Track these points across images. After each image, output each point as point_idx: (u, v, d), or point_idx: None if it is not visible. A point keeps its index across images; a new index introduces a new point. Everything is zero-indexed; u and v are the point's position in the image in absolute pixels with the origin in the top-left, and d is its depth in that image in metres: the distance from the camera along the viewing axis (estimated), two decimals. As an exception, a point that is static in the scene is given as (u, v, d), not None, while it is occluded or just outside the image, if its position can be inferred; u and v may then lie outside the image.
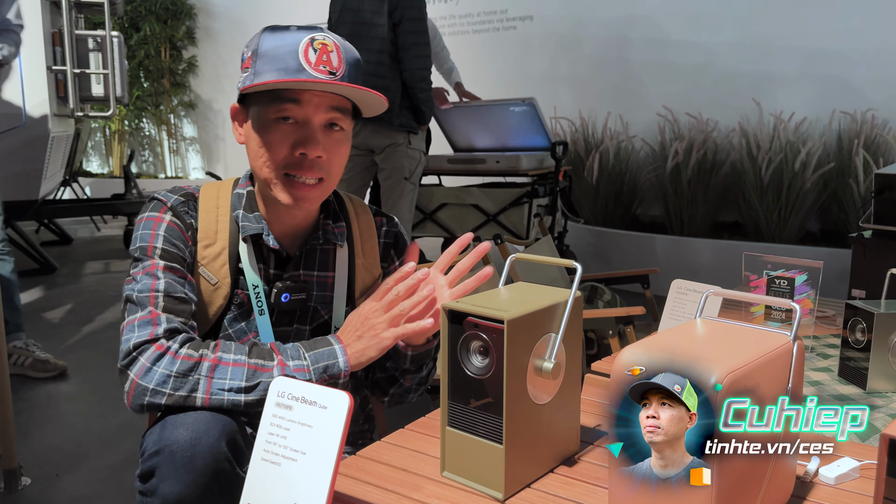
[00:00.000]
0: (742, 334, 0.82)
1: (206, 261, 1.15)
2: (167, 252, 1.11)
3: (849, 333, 1.39)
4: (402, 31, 3.33)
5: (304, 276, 1.21)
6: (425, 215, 4.58)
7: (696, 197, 4.69)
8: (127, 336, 1.04)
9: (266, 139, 1.11)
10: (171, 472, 0.94)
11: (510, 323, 0.84)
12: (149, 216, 1.15)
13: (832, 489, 0.91)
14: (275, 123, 1.11)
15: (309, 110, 1.10)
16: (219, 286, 1.15)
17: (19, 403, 2.68)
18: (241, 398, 1.01)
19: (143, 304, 1.06)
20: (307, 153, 1.10)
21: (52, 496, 2.03)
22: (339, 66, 1.10)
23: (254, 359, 1.03)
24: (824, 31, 4.71)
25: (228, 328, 1.17)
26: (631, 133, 5.16)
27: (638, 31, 5.55)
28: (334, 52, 1.10)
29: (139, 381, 1.00)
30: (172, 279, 1.09)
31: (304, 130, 1.11)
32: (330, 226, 1.22)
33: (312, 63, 1.08)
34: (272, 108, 1.10)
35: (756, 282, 1.64)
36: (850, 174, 4.19)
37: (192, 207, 1.18)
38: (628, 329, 2.16)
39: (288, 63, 1.07)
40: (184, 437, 0.95)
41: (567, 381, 0.95)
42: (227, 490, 0.97)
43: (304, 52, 1.08)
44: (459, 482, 0.92)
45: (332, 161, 1.14)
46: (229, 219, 1.18)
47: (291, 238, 1.21)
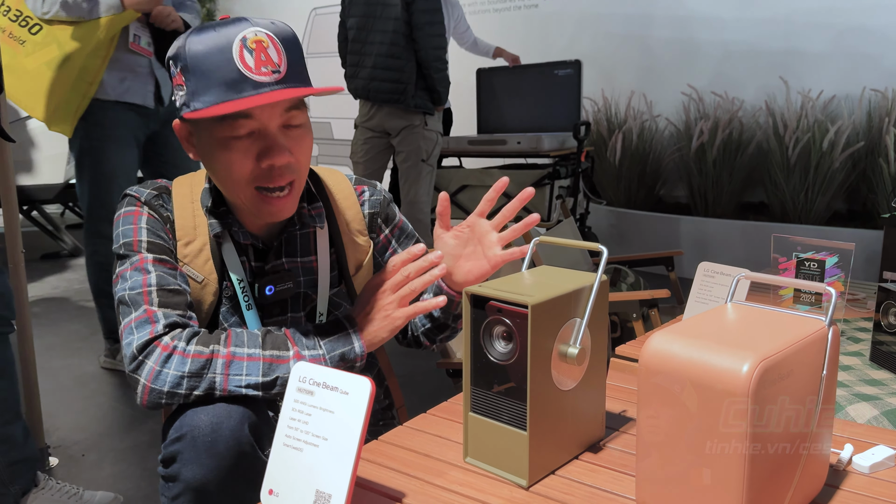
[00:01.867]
0: (775, 319, 0.80)
1: (188, 259, 1.11)
2: (153, 244, 1.08)
3: (881, 317, 1.36)
4: (416, 10, 3.29)
5: (287, 263, 1.17)
6: (446, 197, 4.55)
7: (721, 177, 4.61)
8: (127, 340, 1.01)
9: (226, 158, 1.03)
10: (194, 456, 0.94)
11: (534, 308, 0.82)
12: (126, 212, 1.11)
13: (866, 478, 0.88)
14: (232, 141, 1.02)
15: (263, 119, 1.02)
16: (206, 283, 1.11)
17: (46, 385, 2.72)
18: (259, 394, 0.99)
19: (136, 302, 1.03)
20: (274, 163, 1.03)
21: (79, 476, 2.06)
22: (281, 60, 1.00)
23: (269, 350, 1.00)
24: (854, 6, 4.58)
25: (224, 322, 1.14)
26: (655, 112, 5.08)
27: (662, 7, 5.44)
28: (271, 47, 1.00)
29: (152, 386, 0.97)
30: (164, 271, 1.06)
31: (264, 140, 1.03)
32: (305, 209, 1.16)
33: (252, 67, 0.98)
34: (223, 126, 1.01)
35: (785, 264, 1.61)
36: (881, 153, 4.09)
37: (167, 201, 1.13)
38: (652, 312, 2.13)
39: (225, 75, 0.97)
40: (205, 422, 0.95)
41: (592, 366, 0.94)
42: (250, 474, 0.96)
43: (239, 57, 0.97)
44: (483, 468, 0.91)
45: (300, 158, 1.07)
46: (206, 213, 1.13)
47: (267, 228, 1.16)
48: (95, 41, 2.55)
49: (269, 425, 1.03)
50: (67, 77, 2.56)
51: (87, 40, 2.55)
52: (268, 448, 1.01)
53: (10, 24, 2.59)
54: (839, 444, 0.95)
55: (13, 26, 2.59)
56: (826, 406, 0.79)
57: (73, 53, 2.55)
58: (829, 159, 4.18)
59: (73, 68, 2.56)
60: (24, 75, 2.57)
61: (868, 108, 4.34)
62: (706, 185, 4.68)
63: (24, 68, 2.57)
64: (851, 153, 4.15)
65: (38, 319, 3.63)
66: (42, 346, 3.21)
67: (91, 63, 2.58)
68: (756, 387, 0.68)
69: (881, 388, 1.25)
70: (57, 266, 4.96)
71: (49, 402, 2.55)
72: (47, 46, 2.57)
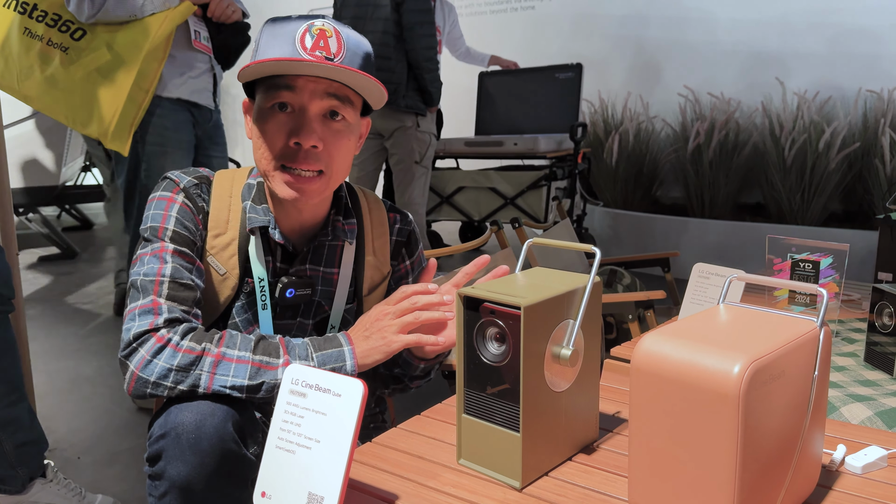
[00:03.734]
0: (767, 321, 0.80)
1: (214, 251, 1.14)
2: (178, 234, 1.10)
3: (875, 318, 1.36)
4: (406, 11, 3.30)
5: (310, 270, 1.18)
6: (442, 199, 4.56)
7: (717, 178, 4.62)
8: (128, 325, 1.03)
9: (263, 129, 1.07)
10: (178, 454, 0.95)
11: (527, 309, 0.82)
12: (161, 196, 1.13)
13: (859, 478, 0.88)
14: (271, 113, 1.07)
15: (304, 97, 1.05)
16: (227, 276, 1.14)
17: (42, 388, 2.72)
18: (241, 396, 1.00)
19: (146, 290, 1.05)
20: (301, 142, 1.05)
21: (76, 479, 2.05)
22: (339, 51, 1.05)
23: (259, 355, 1.01)
24: (850, 7, 4.59)
25: (236, 317, 1.16)
26: (651, 114, 5.09)
27: (657, 8, 5.46)
28: (333, 38, 1.05)
29: (139, 374, 0.99)
30: (180, 264, 1.08)
31: (299, 119, 1.06)
32: (340, 222, 1.19)
33: (308, 48, 1.03)
34: (268, 95, 1.06)
35: (780, 265, 1.61)
36: (876, 154, 4.10)
37: (205, 191, 1.16)
38: (648, 313, 2.13)
39: (283, 48, 1.03)
40: (189, 420, 0.95)
41: (586, 367, 0.94)
42: (235, 471, 0.97)
43: (300, 38, 1.03)
44: (476, 470, 0.91)
45: (332, 152, 1.08)
46: (241, 209, 1.15)
47: (300, 233, 1.18)
48: (153, 41, 2.26)
49: (255, 424, 1.03)
50: (124, 83, 2.25)
51: (143, 40, 2.26)
52: (253, 446, 1.01)
53: (47, 31, 2.28)
54: (832, 444, 0.95)
55: (52, 32, 2.28)
56: (818, 407, 0.79)
57: (129, 56, 2.25)
58: (826, 160, 4.19)
59: (129, 73, 2.26)
60: (71, 86, 2.28)
61: (864, 109, 4.35)
62: (703, 186, 4.69)
63: (70, 78, 2.27)
64: (847, 154, 4.16)
65: (34, 322, 3.63)
66: (38, 348, 3.20)
67: (148, 67, 2.29)
68: (747, 388, 0.68)
69: (875, 389, 1.25)
70: (53, 269, 4.96)
71: (45, 405, 2.55)
72: (96, 51, 2.27)
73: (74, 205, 6.56)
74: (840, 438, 0.99)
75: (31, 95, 2.32)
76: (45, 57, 2.28)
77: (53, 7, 2.28)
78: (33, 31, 2.29)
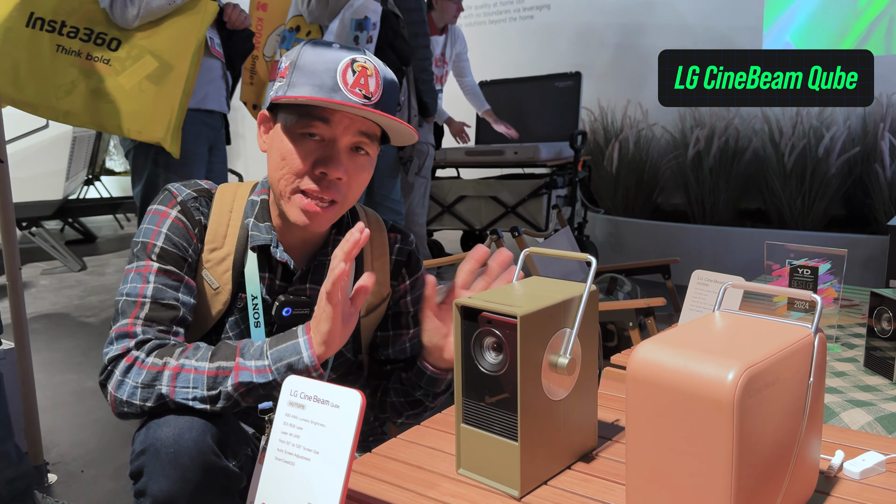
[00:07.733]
0: (761, 327, 0.80)
1: (209, 264, 1.13)
2: (165, 252, 1.09)
3: (875, 322, 1.36)
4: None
5: (309, 290, 1.18)
6: (443, 208, 4.57)
7: (717, 185, 4.63)
8: (106, 349, 1.04)
9: (289, 152, 1.08)
10: (158, 469, 0.94)
11: (523, 318, 0.83)
12: (156, 210, 1.13)
13: (857, 484, 0.88)
14: (300, 138, 1.07)
15: (338, 131, 1.07)
16: (220, 291, 1.13)
17: (45, 401, 2.73)
18: (207, 408, 0.99)
19: (125, 312, 1.05)
20: (328, 172, 1.06)
21: (78, 492, 2.05)
22: (376, 91, 1.06)
23: (217, 362, 1.00)
24: (847, 11, 4.61)
25: (229, 331, 1.16)
26: (651, 121, 5.10)
27: (656, 17, 5.48)
28: (373, 77, 1.06)
29: (116, 395, 1.01)
30: (164, 283, 1.08)
31: (328, 149, 1.07)
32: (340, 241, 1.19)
33: (349, 84, 1.04)
34: (301, 122, 1.07)
35: (779, 271, 1.61)
36: (876, 158, 4.11)
37: (205, 205, 1.15)
38: (649, 321, 2.14)
39: (324, 80, 1.04)
40: (167, 434, 0.95)
41: (583, 376, 0.94)
42: (217, 483, 0.96)
43: (342, 73, 1.04)
44: (475, 479, 0.91)
45: (352, 184, 1.10)
46: (241, 225, 1.15)
47: (301, 251, 1.18)
48: (196, 43, 2.30)
49: (239, 436, 1.03)
50: (175, 88, 2.28)
51: (188, 43, 2.29)
52: (235, 458, 1.01)
53: (84, 45, 2.29)
54: (830, 450, 0.95)
55: (89, 46, 2.29)
56: (814, 413, 0.80)
57: (176, 61, 2.29)
58: (825, 165, 4.19)
59: (179, 77, 2.29)
60: (122, 96, 2.29)
61: (863, 114, 4.36)
62: (703, 192, 4.69)
63: (120, 88, 2.29)
64: (847, 158, 4.16)
65: (37, 336, 3.64)
66: (41, 361, 3.21)
67: (193, 70, 2.32)
68: (741, 395, 0.68)
69: (875, 394, 1.25)
70: (56, 282, 4.97)
71: (48, 419, 2.55)
72: (140, 59, 2.29)
73: (77, 218, 6.58)
74: (839, 444, 0.99)
75: (74, 111, 2.32)
76: (86, 72, 2.28)
77: (83, 22, 2.28)
78: (67, 47, 2.29)
